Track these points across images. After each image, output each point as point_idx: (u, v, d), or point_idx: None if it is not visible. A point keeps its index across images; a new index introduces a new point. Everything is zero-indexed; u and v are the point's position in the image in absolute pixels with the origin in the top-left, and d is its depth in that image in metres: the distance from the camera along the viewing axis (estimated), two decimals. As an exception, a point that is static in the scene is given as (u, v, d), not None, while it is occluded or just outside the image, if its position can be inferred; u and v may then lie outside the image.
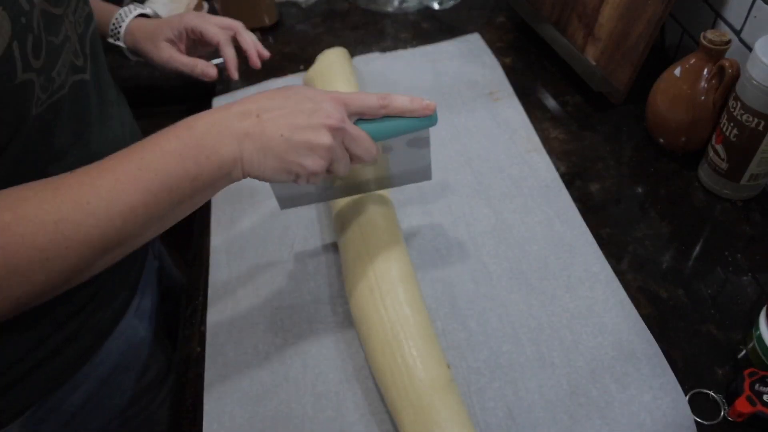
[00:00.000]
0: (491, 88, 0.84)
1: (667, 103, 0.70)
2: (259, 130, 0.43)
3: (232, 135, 0.43)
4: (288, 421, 0.52)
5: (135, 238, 0.41)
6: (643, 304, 0.59)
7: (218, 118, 0.43)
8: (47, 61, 0.45)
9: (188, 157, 0.41)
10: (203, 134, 0.42)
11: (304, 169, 0.45)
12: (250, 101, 0.45)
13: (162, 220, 0.42)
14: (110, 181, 0.39)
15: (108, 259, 0.41)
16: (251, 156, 0.43)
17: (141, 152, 0.41)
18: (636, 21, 0.74)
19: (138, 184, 0.40)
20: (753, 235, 0.65)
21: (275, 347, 0.57)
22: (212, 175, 0.42)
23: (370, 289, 0.54)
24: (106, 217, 0.39)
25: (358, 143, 0.47)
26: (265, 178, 0.45)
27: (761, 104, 0.59)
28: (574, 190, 0.70)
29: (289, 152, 0.44)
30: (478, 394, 0.52)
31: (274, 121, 0.44)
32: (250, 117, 0.43)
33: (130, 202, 0.39)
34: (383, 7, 1.01)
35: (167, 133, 0.42)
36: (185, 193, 0.42)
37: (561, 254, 0.62)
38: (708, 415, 0.51)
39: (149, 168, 0.40)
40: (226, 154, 0.42)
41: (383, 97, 0.48)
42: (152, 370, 0.67)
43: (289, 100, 0.45)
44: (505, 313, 0.58)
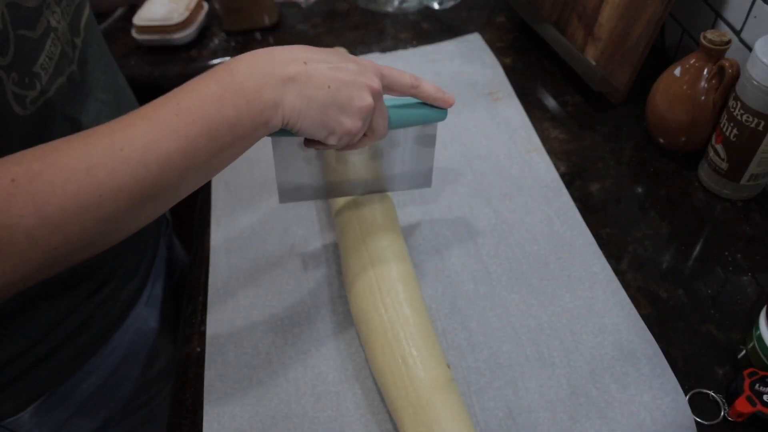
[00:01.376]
0: (491, 88, 0.84)
1: (667, 103, 0.70)
2: (305, 76, 0.42)
3: (275, 78, 0.41)
4: (288, 421, 0.52)
5: (173, 189, 0.40)
6: (643, 304, 0.59)
7: (261, 60, 0.42)
8: (19, 57, 0.43)
9: (228, 102, 0.40)
10: (245, 78, 0.41)
11: (341, 126, 0.44)
12: (297, 49, 0.44)
13: (200, 169, 0.41)
14: (145, 127, 0.38)
15: (147, 212, 0.40)
16: (294, 102, 0.42)
17: (178, 97, 0.40)
18: (636, 21, 0.74)
19: (175, 130, 0.38)
20: (753, 235, 0.65)
21: (275, 347, 0.57)
22: (253, 120, 0.41)
23: (370, 289, 0.54)
24: (141, 164, 0.37)
25: (381, 115, 0.47)
26: (302, 128, 0.44)
27: (761, 104, 0.59)
28: (574, 190, 0.70)
29: (332, 106, 0.43)
30: (478, 394, 0.52)
31: (321, 71, 0.43)
32: (297, 63, 0.42)
33: (166, 148, 0.38)
34: (383, 7, 1.01)
35: (206, 77, 0.41)
36: (225, 141, 0.40)
37: (561, 254, 0.62)
38: (708, 415, 0.51)
39: (187, 113, 0.39)
40: (268, 98, 0.41)
41: (416, 78, 0.49)
42: (160, 360, 0.67)
43: (334, 56, 0.45)
44: (505, 313, 0.58)
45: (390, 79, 0.47)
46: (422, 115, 0.51)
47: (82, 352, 0.57)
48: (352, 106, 0.44)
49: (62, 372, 0.55)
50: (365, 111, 0.44)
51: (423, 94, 0.49)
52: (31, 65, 0.44)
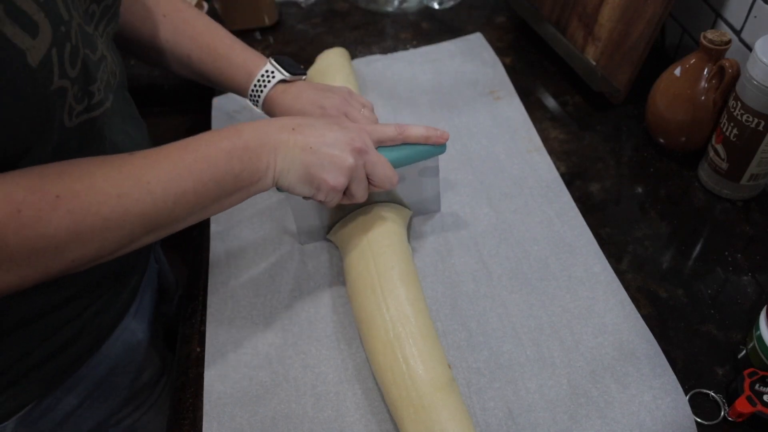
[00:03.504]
0: (492, 87, 0.84)
1: (667, 103, 0.70)
2: (292, 140, 0.49)
3: (270, 143, 0.48)
4: (288, 421, 0.52)
5: (179, 222, 0.46)
6: (643, 304, 0.59)
7: (262, 126, 0.49)
8: (83, 73, 0.46)
9: (235, 156, 0.46)
10: (249, 139, 0.48)
11: (325, 183, 0.50)
12: (287, 118, 0.51)
13: (203, 210, 0.47)
14: (169, 165, 0.44)
15: (152, 237, 0.45)
16: (282, 164, 0.49)
17: (196, 145, 0.46)
18: (636, 21, 0.74)
19: (192, 173, 0.44)
20: (753, 235, 0.65)
21: (275, 347, 0.57)
22: (251, 176, 0.48)
23: (371, 288, 0.54)
24: (161, 198, 0.43)
25: (379, 168, 0.52)
26: (290, 186, 0.50)
27: (761, 104, 0.59)
28: (574, 190, 0.70)
29: (314, 164, 0.49)
30: (479, 394, 0.52)
31: (306, 135, 0.49)
32: (287, 130, 0.49)
33: (183, 187, 0.44)
34: (383, 7, 1.01)
35: (219, 133, 0.48)
36: (227, 188, 0.47)
37: (561, 254, 0.62)
38: (708, 415, 0.51)
39: (203, 159, 0.45)
40: (263, 160, 0.48)
41: (400, 126, 0.55)
42: (147, 372, 0.67)
43: (320, 121, 0.51)
44: (505, 313, 0.58)
45: (376, 134, 0.54)
46: (420, 152, 0.57)
47: (69, 364, 0.56)
48: (334, 164, 0.49)
49: (49, 383, 0.55)
50: (346, 167, 0.50)
51: (412, 138, 0.56)
52: (90, 84, 0.48)
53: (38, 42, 0.39)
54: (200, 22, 0.66)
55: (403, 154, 0.56)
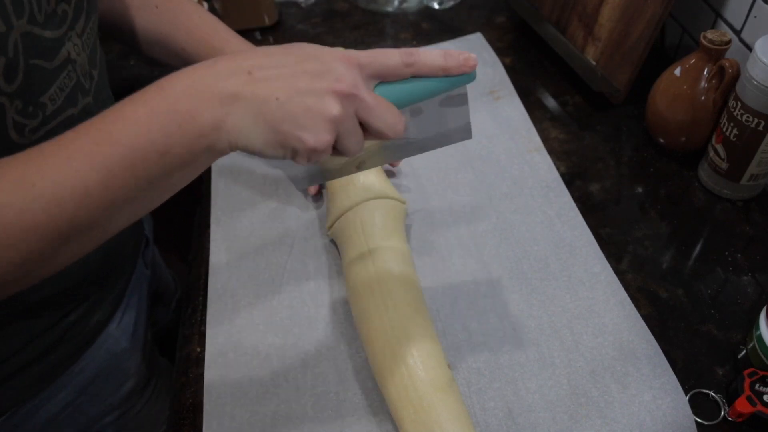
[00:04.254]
0: (492, 87, 0.84)
1: (667, 103, 0.70)
2: (250, 90, 0.35)
3: (214, 96, 0.35)
4: (288, 421, 0.52)
5: (99, 225, 0.36)
6: (643, 304, 0.59)
7: (199, 76, 0.36)
8: (26, 86, 0.41)
9: (156, 127, 0.34)
10: (177, 97, 0.35)
11: (302, 144, 0.36)
12: (242, 56, 0.37)
13: (131, 203, 0.36)
14: (61, 158, 0.34)
15: (73, 249, 0.36)
16: (239, 122, 0.35)
17: (101, 123, 0.35)
18: (636, 21, 0.74)
19: (93, 161, 0.34)
20: (753, 235, 0.65)
21: (275, 347, 0.57)
22: (189, 147, 0.35)
23: (371, 288, 0.54)
24: (55, 202, 0.33)
25: (377, 114, 0.38)
26: (255, 150, 0.37)
27: (761, 104, 0.59)
28: (573, 190, 0.70)
29: (286, 121, 0.36)
30: (479, 394, 0.52)
31: (270, 81, 0.36)
32: (240, 74, 0.36)
33: (83, 183, 0.33)
34: (383, 7, 1.01)
35: (136, 97, 0.36)
36: (154, 172, 0.35)
37: (561, 254, 0.62)
38: (708, 415, 0.51)
39: (107, 141, 0.34)
40: (206, 121, 0.35)
41: (409, 53, 0.39)
42: (131, 380, 0.66)
43: (289, 57, 0.37)
44: (505, 313, 0.58)
45: (372, 67, 0.38)
46: (437, 86, 0.41)
47: (50, 371, 0.55)
48: (312, 118, 0.36)
49: (29, 390, 0.54)
50: (329, 121, 0.36)
51: (425, 70, 0.40)
52: (39, 95, 0.43)
53: None
54: (196, 14, 0.63)
55: (414, 91, 0.40)
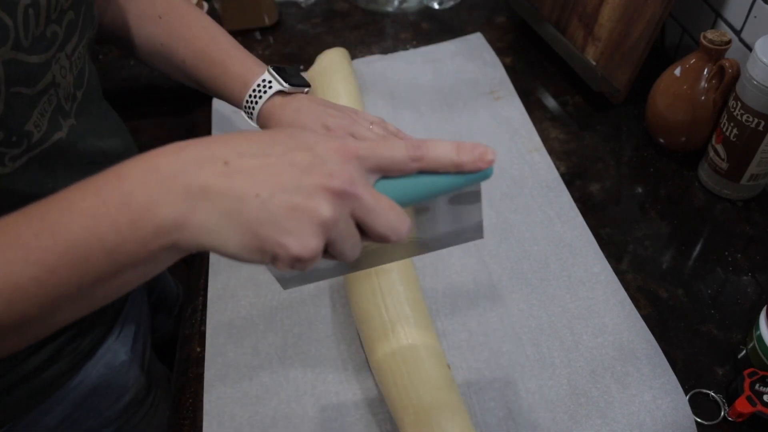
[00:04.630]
0: (492, 87, 0.84)
1: (667, 103, 0.70)
2: (224, 183, 0.30)
3: (178, 188, 0.30)
4: (288, 421, 0.52)
5: (35, 322, 0.32)
6: (643, 304, 0.59)
7: (164, 162, 0.30)
8: (7, 115, 0.40)
9: (104, 222, 0.30)
10: (135, 187, 0.30)
11: (285, 251, 0.30)
12: (220, 141, 0.32)
13: (74, 301, 0.32)
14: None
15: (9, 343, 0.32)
16: (207, 221, 0.30)
17: (45, 208, 0.31)
18: (636, 21, 0.74)
19: (29, 255, 0.30)
20: (753, 235, 0.65)
21: (275, 347, 0.57)
22: (144, 245, 0.30)
23: (371, 289, 0.54)
24: None
25: (377, 215, 0.32)
26: (227, 254, 0.31)
27: (761, 104, 0.59)
28: (574, 190, 0.70)
29: (266, 223, 0.30)
30: (479, 394, 0.52)
31: (249, 173, 0.30)
32: (214, 163, 0.30)
33: (15, 280, 0.30)
34: (383, 7, 1.01)
35: (87, 182, 0.31)
36: (100, 270, 0.31)
37: (561, 254, 0.62)
38: (708, 415, 0.51)
39: (48, 232, 0.30)
40: (165, 217, 0.30)
41: (416, 145, 0.34)
42: (130, 392, 0.65)
43: (275, 146, 0.32)
44: (505, 313, 0.58)
45: (373, 159, 0.33)
46: (453, 182, 0.35)
47: (47, 385, 0.55)
48: (298, 221, 0.30)
49: (27, 404, 0.54)
50: (318, 224, 0.30)
51: (435, 165, 0.34)
52: (23, 123, 0.41)
53: None
54: (199, 24, 0.61)
55: (420, 188, 0.35)
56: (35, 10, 0.41)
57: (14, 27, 0.39)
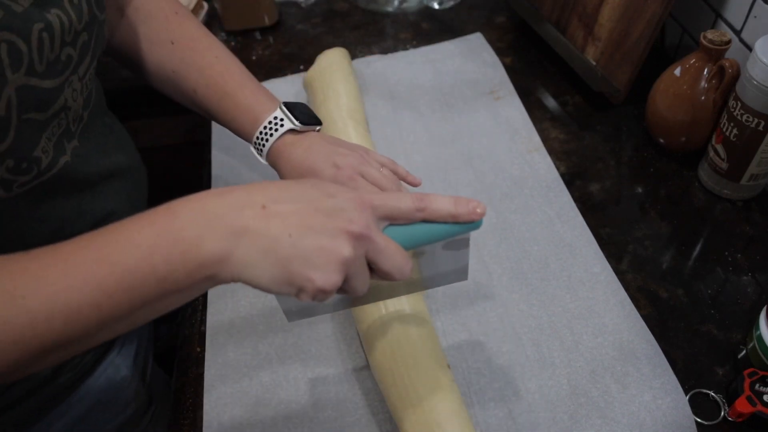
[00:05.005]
0: (492, 87, 0.84)
1: (667, 103, 0.70)
2: (262, 225, 0.35)
3: (224, 227, 0.35)
4: (288, 421, 0.52)
5: (82, 341, 0.35)
6: (643, 304, 0.59)
7: (211, 204, 0.35)
8: (18, 141, 0.40)
9: (158, 252, 0.34)
10: (185, 224, 0.35)
11: (311, 284, 0.36)
12: (257, 188, 0.37)
13: (119, 322, 0.35)
14: (57, 273, 0.33)
15: (50, 360, 0.35)
16: (246, 257, 0.35)
17: (103, 239, 0.34)
18: (636, 21, 0.74)
19: (90, 281, 0.33)
20: (753, 235, 0.65)
21: (275, 347, 0.57)
22: (190, 275, 0.34)
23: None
24: (44, 317, 0.32)
25: (386, 256, 0.38)
26: (261, 286, 0.36)
27: (761, 104, 0.59)
28: (573, 190, 0.70)
29: (296, 259, 0.35)
30: (479, 394, 0.52)
31: (284, 216, 0.36)
32: (254, 207, 0.35)
33: (77, 301, 0.33)
34: (383, 7, 1.01)
35: (144, 217, 0.35)
36: (150, 295, 0.34)
37: (561, 254, 0.62)
38: (708, 415, 0.51)
39: (107, 261, 0.34)
40: (211, 251, 0.34)
41: (420, 198, 0.40)
42: (131, 407, 0.65)
43: (304, 194, 0.38)
44: (505, 313, 0.58)
45: (384, 209, 0.39)
46: (445, 230, 0.41)
47: (51, 399, 0.55)
48: (323, 257, 0.35)
49: (29, 418, 0.54)
50: (340, 262, 0.36)
51: (435, 216, 0.40)
52: (32, 150, 0.42)
53: None
54: (212, 53, 0.59)
55: (422, 234, 0.41)
56: (49, 34, 0.41)
57: (28, 52, 0.39)
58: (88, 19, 0.45)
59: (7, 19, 0.38)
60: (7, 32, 0.38)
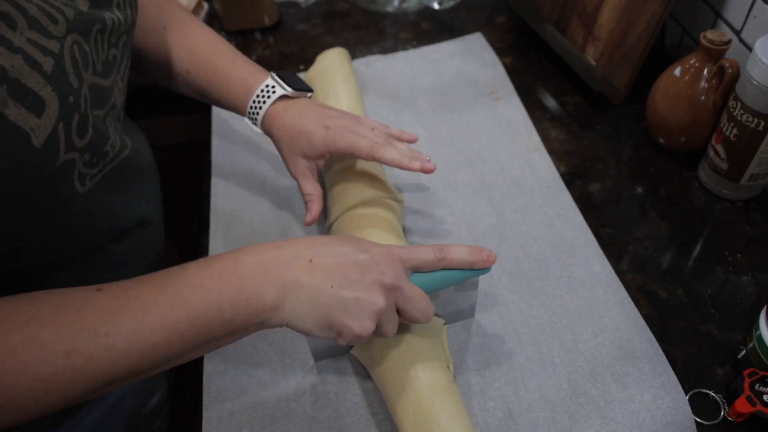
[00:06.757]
0: (492, 87, 0.84)
1: (667, 103, 0.70)
2: (308, 279, 0.40)
3: (280, 279, 0.40)
4: (288, 420, 0.52)
5: (145, 373, 0.38)
6: (643, 304, 0.59)
7: (267, 257, 0.41)
8: (94, 138, 0.42)
9: (226, 299, 0.38)
10: (249, 274, 0.39)
11: (348, 330, 0.41)
12: (304, 244, 0.42)
13: (181, 357, 0.39)
14: (137, 312, 0.36)
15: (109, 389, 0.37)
16: (296, 305, 0.40)
17: (178, 284, 0.38)
18: (636, 21, 0.74)
19: (165, 321, 0.37)
20: (753, 235, 0.65)
21: (275, 346, 0.57)
22: (248, 319, 0.39)
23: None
24: (122, 353, 0.35)
25: (413, 304, 0.44)
26: (305, 330, 0.42)
27: (761, 104, 0.59)
28: (573, 190, 0.70)
29: (337, 308, 0.40)
30: (479, 394, 0.52)
31: (327, 270, 0.41)
32: (302, 260, 0.41)
33: (152, 339, 0.36)
34: (383, 7, 1.01)
35: (210, 264, 0.40)
36: (214, 335, 0.39)
37: (561, 254, 0.62)
38: (708, 415, 0.51)
39: (181, 304, 0.37)
40: (268, 301, 0.40)
41: (440, 249, 0.46)
42: (155, 397, 0.66)
43: (343, 248, 0.43)
44: (505, 313, 0.58)
45: (411, 261, 0.45)
46: (461, 276, 0.48)
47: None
48: (360, 308, 0.41)
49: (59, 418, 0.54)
50: (374, 311, 0.41)
51: (454, 264, 0.46)
52: (103, 145, 0.44)
53: (44, 120, 0.36)
54: (202, 35, 0.62)
55: (441, 279, 0.48)
56: (102, 35, 0.44)
57: (91, 52, 0.42)
58: (131, 21, 0.48)
59: (77, 19, 0.40)
60: (77, 34, 0.40)
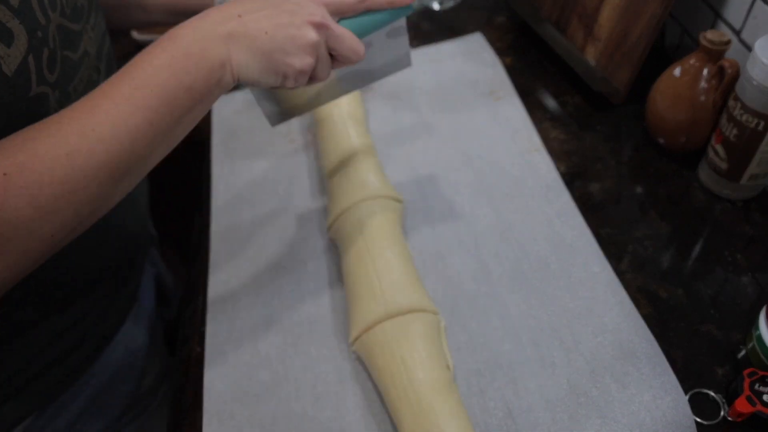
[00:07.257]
0: (492, 87, 0.84)
1: (667, 103, 0.70)
2: (242, 29, 0.43)
3: (217, 38, 0.42)
4: (288, 420, 0.52)
5: (145, 159, 0.42)
6: (642, 304, 0.59)
7: (200, 24, 0.43)
8: (62, 76, 0.45)
9: (179, 68, 0.41)
10: (188, 43, 0.42)
11: (291, 68, 0.44)
12: (230, 5, 0.45)
13: (167, 137, 0.42)
14: (109, 105, 0.39)
15: (124, 186, 0.41)
16: (239, 57, 0.43)
17: (131, 72, 0.41)
18: (636, 21, 0.74)
19: (136, 103, 0.40)
20: (753, 235, 0.65)
21: (275, 347, 0.57)
22: (206, 82, 0.42)
23: (371, 289, 0.54)
24: (114, 141, 0.39)
25: (343, 41, 0.47)
26: (253, 80, 0.45)
27: (761, 104, 0.59)
28: (573, 190, 0.70)
29: (275, 51, 0.44)
30: (479, 395, 0.52)
31: (257, 20, 0.44)
32: (232, 19, 0.43)
33: (134, 122, 0.39)
34: (383, 7, 1.01)
35: (152, 48, 0.42)
36: (184, 105, 0.42)
37: (561, 254, 0.62)
38: (708, 415, 0.51)
39: (143, 85, 0.40)
40: (215, 58, 0.42)
41: None
42: (149, 377, 0.67)
43: (268, 1, 0.45)
44: (505, 313, 0.58)
45: (334, 5, 0.47)
46: (384, 17, 0.50)
47: (71, 372, 0.56)
48: (296, 45, 0.44)
49: (51, 392, 0.55)
50: (309, 46, 0.44)
51: (376, 5, 0.49)
52: (68, 85, 0.46)
53: (13, 50, 0.39)
54: None
55: (367, 22, 0.50)
56: None
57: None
58: None
59: None
60: None
